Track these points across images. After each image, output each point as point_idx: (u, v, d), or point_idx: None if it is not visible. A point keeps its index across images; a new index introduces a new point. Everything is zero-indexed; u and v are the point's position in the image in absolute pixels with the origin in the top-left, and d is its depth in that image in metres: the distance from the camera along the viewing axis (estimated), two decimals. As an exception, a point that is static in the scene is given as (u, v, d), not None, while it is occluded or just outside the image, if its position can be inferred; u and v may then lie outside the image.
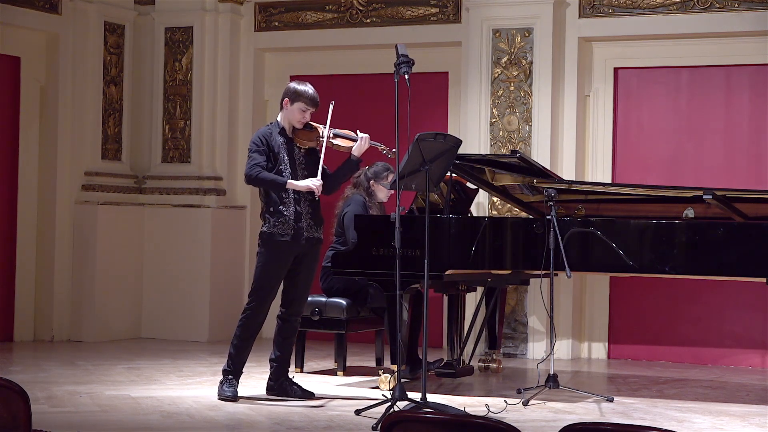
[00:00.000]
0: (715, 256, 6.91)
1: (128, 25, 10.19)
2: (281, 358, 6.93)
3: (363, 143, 6.85)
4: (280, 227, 6.74)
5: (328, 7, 10.18)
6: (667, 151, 9.32)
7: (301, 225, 6.76)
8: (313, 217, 6.83)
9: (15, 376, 7.35)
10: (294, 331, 7.01)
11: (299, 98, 6.79)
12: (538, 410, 6.63)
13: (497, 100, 9.30)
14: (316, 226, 6.85)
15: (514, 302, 9.21)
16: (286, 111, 6.83)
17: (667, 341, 9.21)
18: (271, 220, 6.75)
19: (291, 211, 6.74)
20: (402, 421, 3.06)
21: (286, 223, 6.74)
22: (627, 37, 9.28)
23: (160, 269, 10.11)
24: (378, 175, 8.09)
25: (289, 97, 6.81)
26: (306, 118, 6.83)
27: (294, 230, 6.75)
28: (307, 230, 6.79)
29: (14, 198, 9.69)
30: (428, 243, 6.32)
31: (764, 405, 7.00)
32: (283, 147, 6.79)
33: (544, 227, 7.02)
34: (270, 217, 6.76)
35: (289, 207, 6.74)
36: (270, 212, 6.76)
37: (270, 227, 6.76)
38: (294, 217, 6.75)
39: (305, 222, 6.78)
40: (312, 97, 6.80)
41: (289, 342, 6.98)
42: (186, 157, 10.24)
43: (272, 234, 6.75)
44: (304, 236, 6.78)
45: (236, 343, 6.87)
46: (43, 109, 9.79)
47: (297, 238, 6.76)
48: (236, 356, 6.86)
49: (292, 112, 6.81)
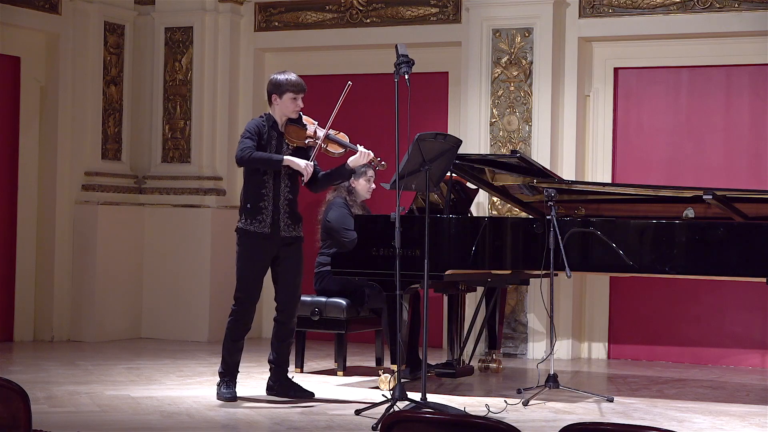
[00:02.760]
0: (715, 256, 6.91)
1: (128, 25, 10.19)
2: (279, 360, 6.92)
3: (362, 158, 6.74)
4: (257, 224, 6.69)
5: (328, 7, 10.18)
6: (667, 151, 9.32)
7: (278, 222, 6.72)
8: (291, 216, 6.77)
9: (15, 376, 7.35)
10: (289, 334, 6.96)
11: (286, 89, 6.71)
12: (538, 410, 6.63)
13: (497, 100, 9.30)
14: (293, 225, 6.80)
15: (514, 302, 9.21)
16: (277, 106, 6.76)
17: (667, 341, 9.21)
18: (248, 216, 6.71)
19: (270, 207, 6.70)
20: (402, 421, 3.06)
21: (263, 221, 6.70)
22: (627, 37, 9.28)
23: (160, 269, 10.11)
24: (358, 171, 7.99)
25: (276, 92, 6.73)
26: (299, 104, 6.75)
27: (270, 227, 6.70)
28: (284, 229, 6.75)
29: (14, 198, 9.69)
30: (428, 243, 6.31)
31: (764, 405, 7.00)
32: (273, 141, 6.74)
33: (544, 227, 7.02)
34: (247, 212, 6.71)
35: (268, 203, 6.69)
36: (247, 208, 6.71)
37: (246, 223, 6.71)
38: (272, 213, 6.70)
39: (282, 220, 6.74)
40: (297, 83, 6.73)
41: (286, 344, 6.94)
42: (186, 157, 10.24)
43: (247, 230, 6.70)
44: (281, 234, 6.74)
45: (227, 345, 6.86)
46: (43, 109, 9.80)
47: (273, 236, 6.71)
48: (229, 357, 6.85)
49: (284, 104, 6.74)
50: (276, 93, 6.75)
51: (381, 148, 9.61)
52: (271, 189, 6.70)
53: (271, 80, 6.80)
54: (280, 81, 6.74)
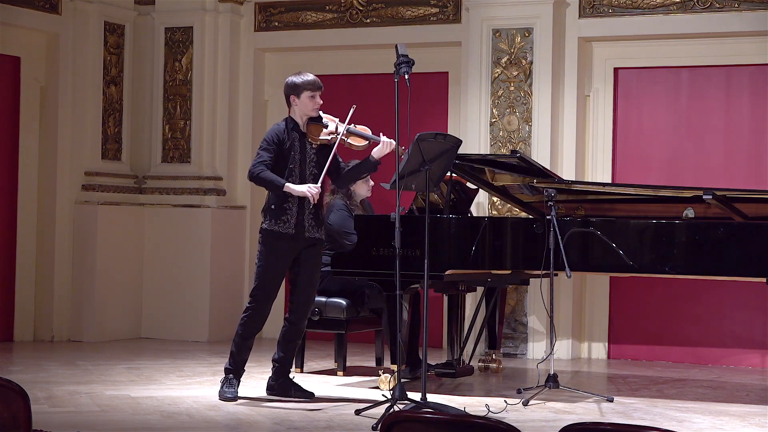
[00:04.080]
0: (715, 256, 6.91)
1: (128, 25, 10.19)
2: (284, 359, 6.92)
3: (385, 148, 6.78)
4: (282, 225, 6.71)
5: (328, 7, 10.18)
6: (667, 151, 9.32)
7: (302, 223, 6.75)
8: (315, 217, 6.80)
9: (15, 376, 7.35)
10: (299, 335, 6.99)
11: (303, 89, 6.74)
12: (538, 410, 6.63)
13: (497, 100, 9.30)
14: (317, 226, 6.82)
15: (514, 302, 9.21)
16: (296, 107, 6.78)
17: (667, 341, 9.21)
18: (273, 217, 6.73)
19: (294, 208, 6.72)
20: (402, 421, 3.06)
21: (287, 221, 6.72)
22: (627, 37, 9.28)
23: (160, 269, 10.11)
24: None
25: (294, 93, 6.77)
26: (318, 102, 6.77)
27: (295, 228, 6.73)
28: (308, 230, 6.77)
29: (14, 198, 9.69)
30: (428, 243, 6.31)
31: (764, 405, 7.00)
32: (296, 142, 6.75)
33: (544, 227, 7.01)
34: (272, 213, 6.73)
35: (293, 205, 6.72)
36: (272, 209, 6.73)
37: (271, 224, 6.74)
38: (297, 215, 6.73)
39: (307, 221, 6.76)
40: (314, 81, 6.77)
41: (293, 345, 6.96)
42: (186, 157, 10.24)
43: (272, 231, 6.73)
44: (305, 235, 6.77)
45: (237, 342, 6.87)
46: (43, 109, 9.79)
47: (298, 236, 6.74)
48: (237, 355, 6.86)
49: (303, 104, 6.76)
50: (294, 94, 6.77)
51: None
52: None
53: (287, 83, 6.83)
54: (296, 82, 6.77)
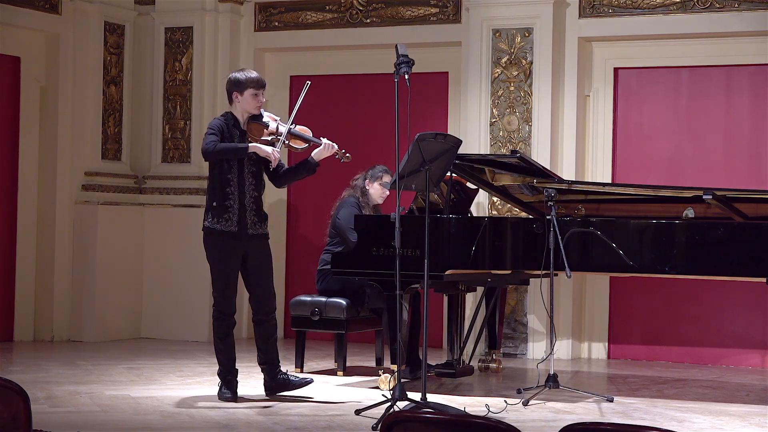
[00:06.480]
0: (715, 256, 6.91)
1: (128, 25, 10.19)
2: (269, 358, 6.88)
3: (326, 150, 6.78)
4: (224, 223, 6.68)
5: (328, 7, 10.18)
6: (667, 151, 9.32)
7: (245, 220, 6.71)
8: (257, 213, 6.77)
9: (15, 376, 7.35)
10: (273, 330, 6.90)
11: (247, 86, 6.72)
12: (538, 410, 6.63)
13: (497, 100, 9.30)
14: (260, 222, 6.79)
15: (514, 302, 9.21)
16: (239, 103, 6.76)
17: (667, 341, 9.21)
18: (215, 215, 6.70)
19: (236, 206, 6.69)
20: (402, 421, 3.06)
21: (230, 219, 6.69)
22: (627, 37, 9.28)
23: (160, 269, 10.11)
24: (374, 175, 8.13)
25: (237, 89, 6.74)
26: (261, 100, 6.77)
27: (238, 225, 6.70)
28: (251, 226, 6.74)
29: (14, 198, 9.69)
30: (428, 243, 6.31)
31: (764, 405, 7.00)
32: (236, 140, 6.72)
33: (544, 227, 7.01)
34: (213, 211, 6.70)
35: (234, 202, 6.69)
36: (213, 207, 6.70)
37: (213, 222, 6.70)
38: (238, 211, 6.70)
39: (249, 218, 6.73)
40: (258, 79, 6.76)
41: (272, 341, 6.89)
42: (186, 157, 10.24)
43: (214, 229, 6.69)
44: (249, 232, 6.73)
45: (216, 344, 6.86)
46: (43, 109, 9.79)
47: (241, 234, 6.71)
48: (222, 357, 6.84)
49: (246, 101, 6.74)
50: (237, 90, 6.75)
51: (381, 148, 9.64)
52: (236, 187, 6.69)
53: (230, 79, 6.81)
54: (240, 79, 6.75)
